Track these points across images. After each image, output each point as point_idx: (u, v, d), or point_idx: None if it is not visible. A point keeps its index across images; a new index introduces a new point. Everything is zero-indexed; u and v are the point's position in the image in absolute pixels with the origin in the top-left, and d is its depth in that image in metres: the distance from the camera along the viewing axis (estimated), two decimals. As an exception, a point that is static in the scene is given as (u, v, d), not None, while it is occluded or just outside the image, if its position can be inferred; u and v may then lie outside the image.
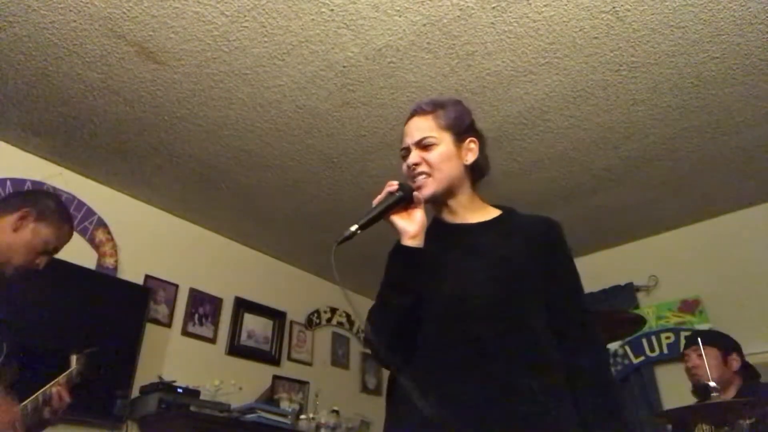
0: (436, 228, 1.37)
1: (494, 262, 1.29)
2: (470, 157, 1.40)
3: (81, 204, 3.41)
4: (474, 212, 1.41)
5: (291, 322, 4.41)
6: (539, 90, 2.82)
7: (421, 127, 1.38)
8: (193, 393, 3.26)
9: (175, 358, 3.58)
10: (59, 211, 1.89)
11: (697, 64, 2.65)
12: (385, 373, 4.93)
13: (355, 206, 3.80)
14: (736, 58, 2.61)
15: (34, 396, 1.78)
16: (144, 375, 3.26)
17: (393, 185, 1.27)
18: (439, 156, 1.35)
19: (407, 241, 1.26)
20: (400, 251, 1.27)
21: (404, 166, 1.38)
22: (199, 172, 3.48)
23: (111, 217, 3.52)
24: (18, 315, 2.69)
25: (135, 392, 3.21)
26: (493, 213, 1.43)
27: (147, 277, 3.62)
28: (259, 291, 4.26)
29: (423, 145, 1.35)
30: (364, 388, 4.72)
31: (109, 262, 3.44)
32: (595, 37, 2.52)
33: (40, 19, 2.44)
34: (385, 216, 1.26)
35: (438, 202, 1.39)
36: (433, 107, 1.40)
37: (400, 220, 1.27)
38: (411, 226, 1.27)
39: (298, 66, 2.68)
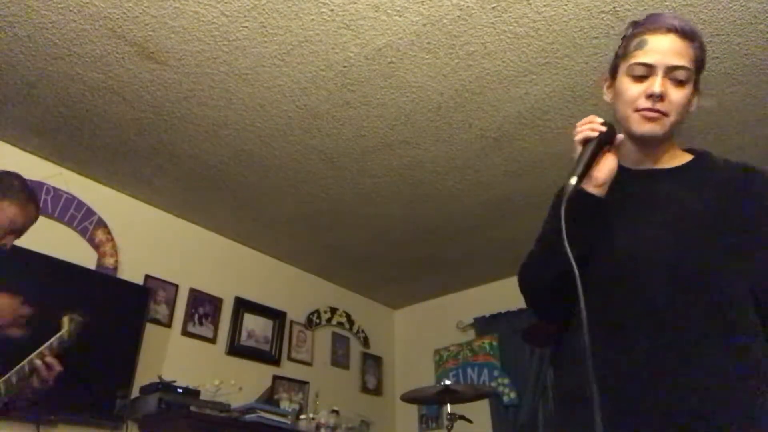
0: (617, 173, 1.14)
1: (680, 216, 1.10)
2: (695, 104, 1.19)
3: (81, 204, 3.41)
4: (664, 157, 1.21)
5: (291, 322, 4.41)
6: (539, 90, 2.82)
7: (680, 52, 1.12)
8: (193, 393, 3.26)
9: (175, 358, 3.58)
10: (24, 191, 1.87)
11: (697, 64, 2.65)
12: (386, 374, 4.95)
13: (355, 206, 3.80)
14: (736, 58, 2.61)
15: (19, 366, 1.74)
16: (144, 375, 3.26)
17: (597, 121, 1.11)
18: (685, 98, 1.13)
19: (593, 189, 1.08)
20: (583, 199, 1.07)
21: (634, 89, 1.14)
22: (199, 172, 3.48)
23: (111, 217, 3.52)
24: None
25: (135, 392, 3.20)
26: (683, 158, 1.23)
27: (147, 277, 3.62)
28: (259, 291, 4.26)
29: (674, 77, 1.12)
30: (364, 388, 4.72)
31: (109, 262, 3.44)
32: (595, 37, 2.52)
33: (40, 19, 2.44)
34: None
35: (638, 145, 1.18)
36: (693, 33, 1.15)
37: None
38: (602, 171, 1.09)
39: (298, 66, 2.68)
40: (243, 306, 4.12)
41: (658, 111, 1.11)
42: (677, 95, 1.12)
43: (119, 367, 3.18)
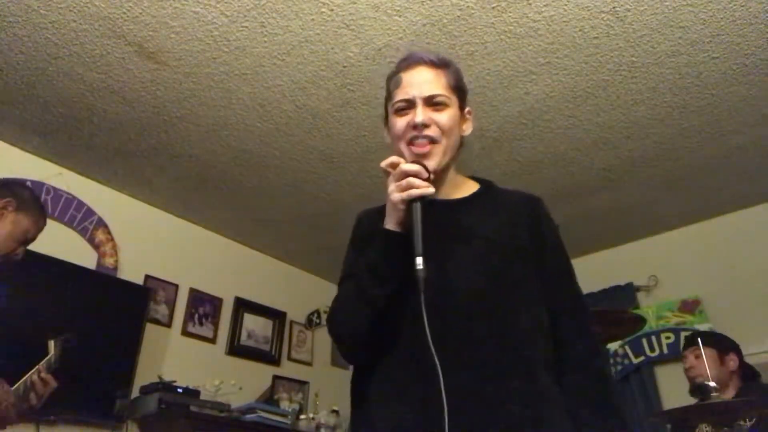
0: None
1: (480, 247, 1.13)
2: (468, 129, 1.23)
3: (81, 204, 3.41)
4: (454, 187, 1.23)
5: (291, 322, 4.41)
6: (539, 90, 2.82)
7: (431, 81, 1.17)
8: (193, 393, 3.26)
9: (175, 358, 3.58)
10: (35, 201, 1.93)
11: (697, 64, 2.65)
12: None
13: (355, 206, 3.79)
14: (736, 58, 2.61)
15: (15, 386, 1.79)
16: (144, 375, 3.26)
17: (418, 177, 1.05)
18: (450, 120, 1.16)
19: (396, 227, 1.07)
20: (388, 237, 1.08)
21: (400, 123, 1.17)
22: (199, 172, 3.48)
23: (111, 217, 3.52)
24: (16, 315, 2.71)
25: (135, 392, 3.21)
26: (471, 187, 1.26)
27: (147, 277, 3.62)
28: (259, 291, 4.26)
29: (434, 103, 1.16)
30: (364, 388, 4.72)
31: (109, 262, 3.44)
32: (595, 37, 2.52)
33: (40, 19, 2.44)
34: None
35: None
36: (442, 62, 1.20)
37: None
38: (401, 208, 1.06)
39: (298, 66, 2.68)
40: (243, 306, 4.12)
41: (426, 137, 1.14)
42: (441, 118, 1.15)
43: (119, 367, 3.18)
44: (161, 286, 3.68)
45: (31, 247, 1.93)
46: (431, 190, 1.06)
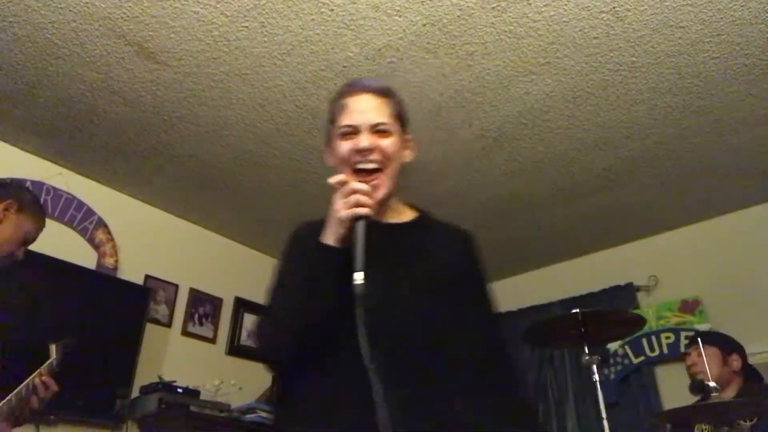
0: None
1: (421, 270, 1.15)
2: (409, 156, 1.27)
3: (81, 204, 3.41)
4: (394, 212, 1.26)
5: (291, 322, 4.41)
6: (539, 90, 2.82)
7: (377, 108, 1.21)
8: (193, 393, 3.26)
9: (175, 358, 3.58)
10: (35, 202, 1.94)
11: (697, 64, 2.65)
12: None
13: (355, 206, 3.79)
14: (736, 58, 2.61)
15: (17, 389, 1.80)
16: (144, 375, 3.26)
17: (364, 189, 1.09)
18: (393, 147, 1.19)
19: (336, 243, 1.08)
20: (323, 253, 1.08)
21: (345, 147, 1.18)
22: (199, 172, 3.48)
23: (111, 217, 3.52)
24: (16, 316, 2.71)
25: (135, 392, 3.21)
26: (410, 213, 1.30)
27: (147, 277, 3.62)
28: (259, 291, 4.21)
29: (378, 131, 1.19)
30: (364, 388, 4.71)
31: (109, 262, 3.44)
32: (595, 37, 2.52)
33: (40, 19, 2.44)
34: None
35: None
36: (385, 91, 1.25)
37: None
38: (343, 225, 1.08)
39: (298, 66, 2.68)
40: (243, 306, 4.12)
41: (371, 161, 1.17)
42: (384, 144, 1.18)
43: (119, 367, 3.18)
44: (161, 286, 3.69)
45: (31, 247, 1.94)
46: (373, 211, 1.09)
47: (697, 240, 3.93)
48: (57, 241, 3.15)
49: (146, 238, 3.72)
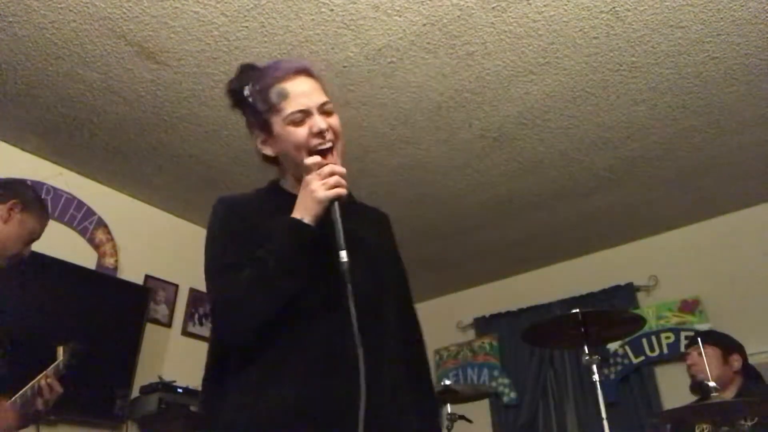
0: (289, 201, 1.17)
1: (365, 251, 1.17)
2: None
3: (81, 204, 3.41)
4: None
5: (291, 322, 4.41)
6: (539, 90, 2.82)
7: (318, 89, 1.22)
8: (193, 393, 3.25)
9: (175, 358, 3.58)
10: (38, 200, 1.95)
11: (697, 64, 2.65)
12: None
13: (355, 206, 3.79)
14: (736, 58, 2.61)
15: (23, 390, 1.81)
16: (144, 375, 3.26)
17: (343, 172, 1.15)
18: (339, 125, 1.23)
19: (312, 222, 1.10)
20: (301, 231, 1.09)
21: (300, 133, 1.18)
22: (199, 172, 3.48)
23: (111, 217, 3.52)
24: (17, 316, 2.71)
25: (135, 392, 3.20)
26: None
27: (147, 277, 3.62)
28: (259, 291, 4.25)
29: (325, 111, 1.21)
30: (364, 388, 4.71)
31: (109, 262, 3.44)
32: (595, 37, 2.52)
33: (40, 19, 2.44)
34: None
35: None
36: (313, 69, 1.25)
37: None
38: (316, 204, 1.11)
39: (298, 66, 2.68)
40: (243, 306, 4.11)
41: (329, 141, 1.20)
42: (334, 123, 1.22)
43: (119, 367, 3.18)
44: (161, 286, 3.68)
45: (32, 247, 1.94)
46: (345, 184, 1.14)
47: (697, 240, 3.93)
48: (57, 241, 3.15)
49: (146, 238, 3.71)
